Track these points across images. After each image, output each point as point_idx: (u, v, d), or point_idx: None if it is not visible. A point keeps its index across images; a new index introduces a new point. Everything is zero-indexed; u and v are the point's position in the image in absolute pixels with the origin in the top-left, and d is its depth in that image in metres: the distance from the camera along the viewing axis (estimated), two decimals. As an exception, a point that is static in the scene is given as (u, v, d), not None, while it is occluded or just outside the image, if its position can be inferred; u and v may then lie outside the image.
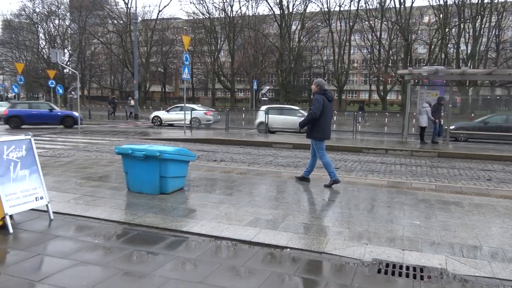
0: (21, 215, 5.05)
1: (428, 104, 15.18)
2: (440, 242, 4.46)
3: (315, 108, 6.97)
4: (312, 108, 7.04)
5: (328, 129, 7.28)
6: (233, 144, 15.39)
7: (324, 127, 7.17)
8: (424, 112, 15.06)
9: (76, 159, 10.26)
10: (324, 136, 7.26)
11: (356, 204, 6.02)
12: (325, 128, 7.20)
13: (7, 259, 3.92)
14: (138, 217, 5.16)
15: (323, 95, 7.07)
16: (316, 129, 7.14)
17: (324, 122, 7.13)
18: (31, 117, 21.62)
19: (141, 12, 63.32)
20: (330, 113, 7.25)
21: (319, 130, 7.14)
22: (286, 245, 4.28)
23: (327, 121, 7.20)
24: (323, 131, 7.20)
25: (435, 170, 10.51)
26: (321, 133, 7.19)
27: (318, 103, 6.96)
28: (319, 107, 6.95)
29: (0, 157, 4.61)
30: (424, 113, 15.04)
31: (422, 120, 15.16)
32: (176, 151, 6.39)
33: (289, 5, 53.43)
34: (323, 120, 7.09)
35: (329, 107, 7.13)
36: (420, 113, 15.23)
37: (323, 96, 7.05)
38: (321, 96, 7.04)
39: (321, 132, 7.17)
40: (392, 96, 65.62)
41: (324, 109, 7.01)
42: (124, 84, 70.87)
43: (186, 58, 18.29)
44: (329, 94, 7.17)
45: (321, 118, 7.04)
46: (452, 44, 46.18)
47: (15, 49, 61.67)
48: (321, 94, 7.08)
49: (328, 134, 7.34)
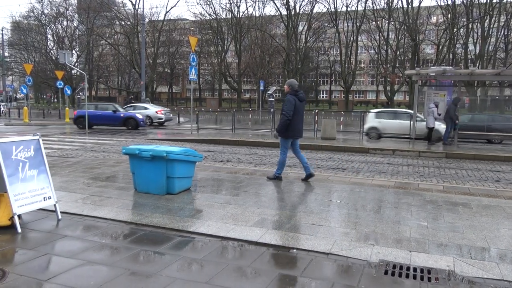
0: (30, 214, 5.09)
1: (434, 105, 15.08)
2: (448, 243, 4.43)
3: (288, 109, 7.22)
4: (285, 109, 7.27)
5: (299, 128, 7.52)
6: (239, 144, 15.40)
7: (296, 126, 7.41)
8: (430, 113, 14.97)
9: (84, 160, 10.33)
10: (295, 135, 7.50)
11: (363, 205, 5.99)
12: (295, 128, 7.44)
13: (15, 258, 3.95)
14: (145, 217, 5.18)
15: (295, 95, 7.34)
16: (289, 129, 7.35)
17: (296, 121, 7.36)
18: (96, 118, 21.47)
19: (148, 13, 63.69)
20: (301, 112, 7.51)
21: (292, 129, 7.37)
22: (292, 246, 4.27)
23: (299, 121, 7.46)
24: (296, 130, 7.44)
25: (443, 171, 10.44)
26: (293, 132, 7.41)
27: (290, 103, 7.23)
28: (291, 107, 7.20)
29: (9, 157, 4.65)
30: (431, 114, 14.95)
31: (429, 121, 15.08)
32: (183, 151, 6.41)
33: (295, 5, 53.34)
34: (295, 119, 7.33)
35: (300, 107, 7.40)
36: (428, 114, 15.15)
37: (294, 96, 7.31)
38: (292, 96, 7.31)
39: (292, 131, 7.39)
40: (399, 97, 65.26)
41: (296, 109, 7.26)
42: (131, 84, 71.16)
43: (193, 58, 18.34)
44: (300, 95, 7.44)
45: (293, 117, 7.27)
46: (460, 44, 45.79)
47: (24, 50, 62.20)
48: (292, 94, 7.35)
49: (300, 133, 7.58)
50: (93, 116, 21.39)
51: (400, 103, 63.58)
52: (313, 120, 18.80)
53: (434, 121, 14.99)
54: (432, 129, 15.18)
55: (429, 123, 15.13)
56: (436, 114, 14.94)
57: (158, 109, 25.94)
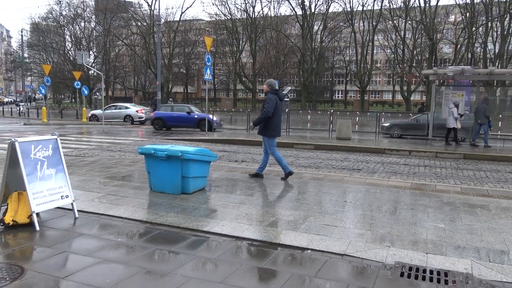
0: (47, 213, 5.17)
1: (454, 105, 14.80)
2: (465, 246, 4.36)
3: (269, 107, 7.35)
4: (266, 107, 7.41)
5: (279, 127, 7.72)
6: (254, 145, 15.39)
7: (276, 125, 7.57)
8: (450, 113, 14.68)
9: (100, 159, 10.46)
10: (276, 134, 7.67)
11: (378, 206, 5.93)
12: (277, 126, 7.63)
13: (33, 255, 4.02)
14: (160, 216, 5.22)
15: (275, 94, 7.48)
16: (269, 127, 7.51)
17: (276, 120, 7.53)
18: (172, 120, 21.39)
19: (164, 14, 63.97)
20: (281, 111, 7.68)
21: (271, 128, 7.52)
22: (307, 247, 4.25)
23: (279, 120, 7.63)
24: (275, 129, 7.60)
25: (461, 172, 10.28)
26: (273, 130, 7.58)
27: (271, 102, 7.36)
28: (272, 106, 7.35)
29: (28, 156, 4.74)
30: (451, 114, 14.65)
31: (450, 121, 14.77)
32: (198, 151, 6.44)
33: (311, 5, 53.17)
34: (275, 118, 7.49)
35: (280, 106, 7.57)
36: (448, 114, 14.83)
37: (275, 95, 7.46)
38: (273, 95, 7.44)
39: (273, 130, 7.56)
40: (416, 97, 64.48)
41: (276, 108, 7.42)
42: (147, 85, 71.83)
43: (208, 59, 18.41)
44: (280, 94, 7.63)
45: (273, 116, 7.43)
46: (479, 43, 45.03)
47: (42, 51, 63.34)
48: (273, 93, 7.48)
49: (279, 132, 7.78)
50: (169, 117, 21.40)
51: (417, 103, 62.82)
52: (328, 120, 18.72)
53: (455, 121, 14.69)
54: (451, 129, 14.89)
55: (449, 123, 14.82)
56: (456, 114, 14.65)
57: (138, 108, 27.53)
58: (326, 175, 8.72)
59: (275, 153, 7.71)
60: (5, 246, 4.28)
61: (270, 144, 7.68)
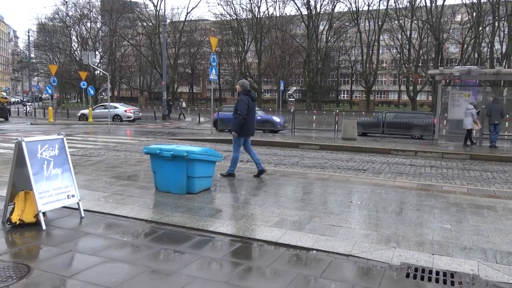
0: (54, 212, 5.20)
1: (472, 106, 14.55)
2: (472, 247, 4.33)
3: (242, 108, 7.50)
4: (239, 109, 7.54)
5: (252, 126, 7.85)
6: (259, 145, 15.40)
7: (248, 125, 7.69)
8: (469, 114, 14.42)
9: (106, 159, 10.50)
10: (248, 133, 7.81)
11: (384, 206, 5.91)
12: (250, 126, 7.76)
13: (40, 254, 4.05)
14: (166, 216, 5.23)
15: (247, 95, 7.63)
16: (242, 127, 7.62)
17: (249, 120, 7.66)
18: None
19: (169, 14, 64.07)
20: (253, 111, 7.81)
21: (244, 128, 7.63)
22: (312, 247, 4.25)
23: (251, 119, 7.77)
24: (248, 129, 7.73)
25: (467, 172, 10.22)
26: (246, 130, 7.68)
27: (243, 103, 7.51)
28: (245, 107, 7.50)
29: (34, 156, 4.77)
30: (469, 115, 14.42)
31: (467, 122, 14.51)
32: (203, 151, 6.45)
33: (316, 5, 53.01)
34: (248, 118, 7.63)
35: (253, 106, 7.73)
36: (465, 115, 14.62)
37: (247, 96, 7.60)
38: (245, 96, 7.59)
39: (245, 129, 7.66)
40: (422, 97, 64.13)
41: (249, 108, 7.58)
42: (153, 85, 72.03)
43: (213, 59, 18.44)
44: (252, 95, 7.80)
45: (246, 116, 7.57)
46: (486, 43, 44.71)
47: (49, 52, 63.68)
48: (245, 94, 7.63)
49: (252, 131, 7.93)
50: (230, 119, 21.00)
51: (423, 103, 62.55)
52: (334, 121, 18.67)
53: (472, 122, 14.48)
54: (470, 130, 14.66)
55: (467, 124, 14.51)
56: (476, 115, 14.38)
57: (127, 108, 28.49)
58: (331, 175, 8.70)
59: (237, 153, 7.87)
60: (12, 245, 4.30)
61: (236, 143, 7.83)
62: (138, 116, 28.90)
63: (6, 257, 3.91)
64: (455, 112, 15.99)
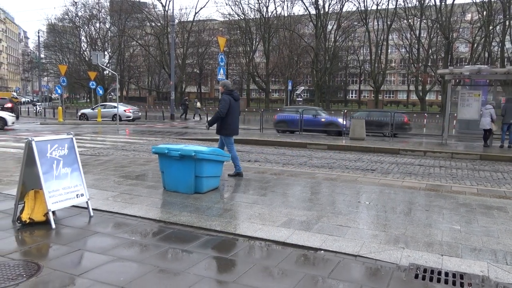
0: (63, 211, 5.25)
1: (491, 106, 14.32)
2: (481, 248, 4.29)
3: (222, 107, 7.59)
4: (220, 107, 7.65)
5: (235, 126, 7.95)
6: (267, 144, 15.40)
7: (232, 124, 7.81)
8: (487, 114, 14.15)
9: (115, 158, 10.57)
10: (232, 133, 7.91)
11: (392, 207, 5.88)
12: (233, 125, 7.87)
13: (49, 253, 4.08)
14: (174, 215, 5.25)
15: (230, 95, 7.74)
16: (225, 127, 7.76)
17: (232, 119, 7.76)
18: (295, 123, 19.69)
19: (178, 14, 64.42)
20: (237, 111, 7.95)
21: (227, 127, 7.77)
22: (320, 247, 4.24)
23: (235, 119, 7.87)
24: (231, 128, 7.85)
25: (477, 173, 10.12)
26: (229, 130, 7.83)
27: (225, 102, 7.60)
28: (225, 106, 7.59)
29: (44, 156, 4.81)
30: (488, 115, 14.14)
31: (485, 122, 14.27)
32: (211, 151, 6.47)
33: (324, 4, 52.91)
34: (231, 118, 7.73)
35: (235, 106, 7.82)
36: (483, 115, 14.43)
37: (229, 96, 7.70)
38: (227, 96, 7.68)
39: (229, 129, 7.81)
40: (431, 97, 63.70)
41: (231, 108, 7.66)
42: (161, 85, 72.39)
43: (221, 59, 18.45)
44: (235, 94, 7.89)
45: (228, 116, 7.68)
46: (496, 42, 44.25)
47: (58, 52, 64.30)
48: (227, 94, 7.73)
49: (236, 131, 8.00)
50: (291, 120, 20.06)
51: (432, 103, 62.11)
52: (342, 120, 18.61)
53: (490, 122, 14.21)
54: (487, 130, 14.41)
55: (485, 124, 14.24)
56: (495, 115, 14.10)
57: (126, 108, 29.12)
58: (339, 175, 8.67)
59: (233, 151, 7.93)
60: (22, 244, 4.35)
61: (228, 142, 7.91)
62: (137, 115, 29.61)
63: (16, 256, 3.95)
64: (465, 112, 15.83)
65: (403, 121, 18.86)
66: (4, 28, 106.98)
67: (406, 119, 19.13)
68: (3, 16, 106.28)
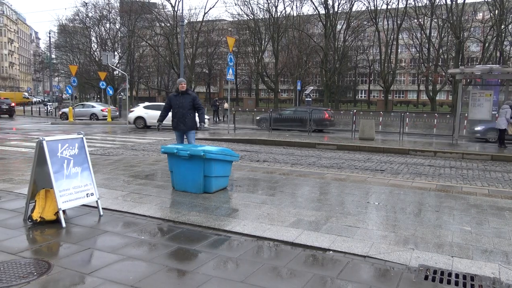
0: (73, 210, 5.29)
1: (508, 106, 14.13)
2: (493, 249, 4.24)
3: None
4: None
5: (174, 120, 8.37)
6: (276, 144, 15.39)
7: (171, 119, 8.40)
8: (503, 114, 13.97)
9: (124, 158, 10.63)
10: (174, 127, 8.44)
11: (402, 207, 5.83)
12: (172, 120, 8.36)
13: (60, 251, 4.12)
14: (182, 215, 5.27)
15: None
16: None
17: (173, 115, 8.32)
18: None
19: (187, 14, 64.62)
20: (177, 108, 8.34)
21: None
22: (328, 248, 4.22)
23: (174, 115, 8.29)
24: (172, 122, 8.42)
25: (488, 174, 10.01)
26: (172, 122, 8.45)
27: None
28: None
29: (55, 155, 4.86)
30: (503, 115, 13.97)
31: (501, 122, 14.09)
32: (220, 151, 6.47)
33: (334, 4, 52.67)
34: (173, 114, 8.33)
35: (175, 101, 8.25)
36: (500, 115, 14.25)
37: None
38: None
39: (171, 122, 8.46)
40: (441, 97, 63.12)
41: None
42: (170, 85, 72.61)
43: (230, 59, 18.49)
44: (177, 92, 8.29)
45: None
46: (508, 42, 43.68)
47: (69, 52, 64.77)
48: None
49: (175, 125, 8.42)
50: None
51: (443, 103, 61.56)
52: (351, 120, 18.52)
53: (506, 122, 14.02)
54: (503, 131, 14.18)
55: (500, 124, 14.08)
56: (509, 115, 13.93)
57: (103, 107, 30.32)
58: (348, 175, 8.63)
59: None
60: (33, 242, 4.40)
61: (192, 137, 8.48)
62: (115, 115, 30.84)
63: (27, 254, 4.00)
64: (476, 112, 15.68)
65: (323, 118, 20.58)
66: (16, 29, 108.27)
67: (327, 116, 20.81)
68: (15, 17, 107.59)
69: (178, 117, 8.17)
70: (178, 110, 8.16)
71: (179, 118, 8.16)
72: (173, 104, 8.19)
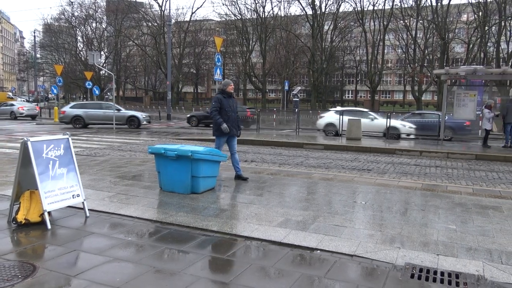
0: (59, 211, 5.23)
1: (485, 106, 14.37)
2: (477, 247, 4.31)
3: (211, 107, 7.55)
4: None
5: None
6: (264, 144, 15.41)
7: None
8: (484, 115, 14.24)
9: (111, 158, 10.54)
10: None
11: (388, 206, 5.89)
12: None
13: (45, 254, 4.07)
14: (170, 216, 5.24)
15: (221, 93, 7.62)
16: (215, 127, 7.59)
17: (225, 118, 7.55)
18: None
19: (174, 14, 64.50)
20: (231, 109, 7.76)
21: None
22: (316, 247, 4.24)
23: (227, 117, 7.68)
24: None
25: (473, 173, 10.16)
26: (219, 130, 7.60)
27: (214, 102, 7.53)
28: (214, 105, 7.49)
29: (40, 156, 4.79)
30: (484, 117, 14.22)
31: (485, 124, 14.39)
32: (208, 151, 6.46)
33: (321, 5, 52.98)
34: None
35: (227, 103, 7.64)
36: (484, 115, 14.45)
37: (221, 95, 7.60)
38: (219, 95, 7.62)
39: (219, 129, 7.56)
40: (427, 97, 63.87)
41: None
42: (158, 85, 72.24)
43: (218, 59, 18.44)
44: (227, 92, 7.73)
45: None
46: (492, 43, 44.42)
47: (54, 52, 64.06)
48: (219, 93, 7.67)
49: None
50: None
51: (428, 103, 62.29)
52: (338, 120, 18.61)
53: (488, 122, 14.26)
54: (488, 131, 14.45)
55: (485, 125, 14.37)
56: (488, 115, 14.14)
57: (20, 105, 31.74)
58: (336, 175, 8.68)
59: None
60: (17, 244, 4.33)
61: None
62: (32, 113, 31.30)
63: (11, 256, 3.93)
64: (461, 112, 15.92)
65: (246, 116, 22.13)
66: (0, 28, 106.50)
67: (249, 113, 22.52)
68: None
69: (231, 121, 7.53)
70: (231, 114, 7.53)
71: (232, 122, 7.54)
72: (225, 107, 7.50)
